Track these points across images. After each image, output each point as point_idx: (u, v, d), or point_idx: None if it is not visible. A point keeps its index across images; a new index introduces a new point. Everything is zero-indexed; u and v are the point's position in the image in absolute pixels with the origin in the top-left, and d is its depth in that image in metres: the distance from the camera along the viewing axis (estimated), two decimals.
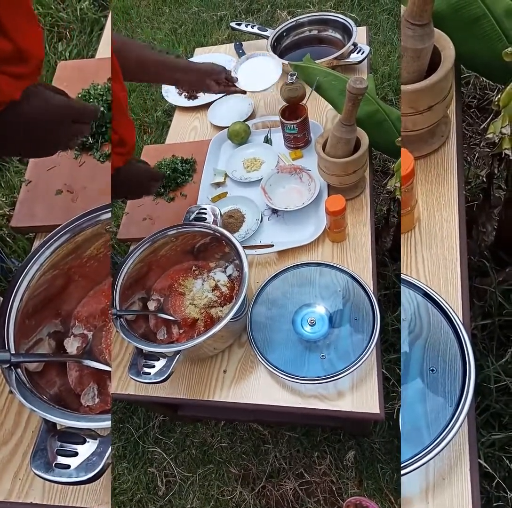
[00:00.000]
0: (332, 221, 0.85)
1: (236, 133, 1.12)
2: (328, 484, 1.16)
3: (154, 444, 1.31)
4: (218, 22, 2.43)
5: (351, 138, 0.83)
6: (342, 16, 1.24)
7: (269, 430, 1.25)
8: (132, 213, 1.09)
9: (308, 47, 1.31)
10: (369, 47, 1.19)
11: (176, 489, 1.24)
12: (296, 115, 1.02)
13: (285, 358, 0.77)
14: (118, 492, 1.26)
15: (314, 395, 0.76)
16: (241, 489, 1.20)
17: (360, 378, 0.75)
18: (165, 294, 0.90)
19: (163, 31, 2.49)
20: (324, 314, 0.79)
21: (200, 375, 0.83)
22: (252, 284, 0.90)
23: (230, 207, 1.03)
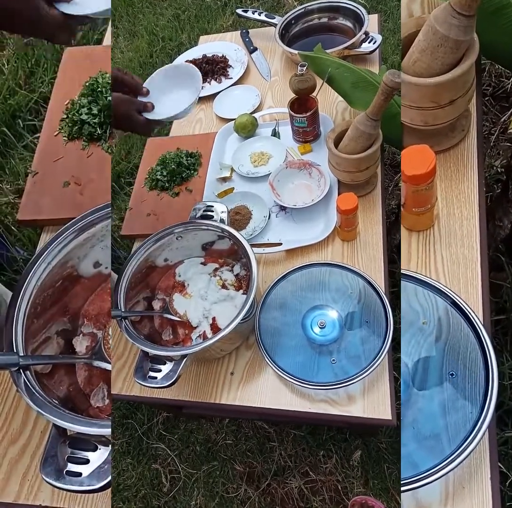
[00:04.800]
0: (343, 219, 0.83)
1: (243, 125, 1.09)
2: (334, 483, 1.15)
3: (158, 440, 1.31)
4: (223, 8, 2.36)
5: (374, 133, 0.79)
6: (353, 3, 1.19)
7: (274, 428, 1.24)
8: (136, 208, 1.06)
9: (318, 36, 1.26)
10: (381, 36, 1.14)
11: (180, 486, 1.24)
12: (305, 107, 0.99)
13: (294, 361, 0.75)
14: (122, 488, 1.26)
15: (324, 400, 0.74)
16: (246, 487, 1.19)
17: (372, 382, 0.73)
18: (170, 293, 0.88)
19: (166, 17, 2.42)
20: (334, 316, 0.76)
21: (206, 377, 0.81)
22: (260, 283, 0.88)
23: (236, 204, 1.00)
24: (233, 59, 1.30)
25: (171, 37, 2.31)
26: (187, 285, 0.88)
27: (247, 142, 1.10)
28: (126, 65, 2.24)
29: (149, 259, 0.83)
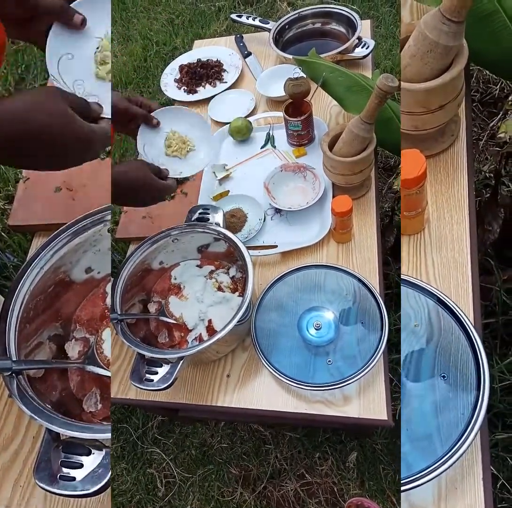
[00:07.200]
0: (338, 222, 0.83)
1: (238, 129, 1.09)
2: (330, 485, 1.15)
3: (153, 444, 1.30)
4: (217, 13, 2.38)
5: (368, 137, 0.80)
6: (346, 9, 1.21)
7: (270, 431, 1.24)
8: (131, 211, 1.06)
9: (311, 41, 1.28)
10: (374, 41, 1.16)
11: (175, 490, 1.23)
12: (300, 111, 1.00)
13: (290, 362, 0.75)
14: (117, 493, 1.25)
15: (320, 401, 0.74)
16: (241, 490, 1.19)
17: (367, 383, 0.74)
18: (166, 296, 0.88)
19: (160, 22, 2.43)
20: (330, 318, 0.77)
21: (203, 379, 0.81)
22: (256, 285, 0.88)
23: (232, 206, 1.01)
24: (228, 64, 1.31)
25: (165, 41, 2.32)
26: (183, 287, 0.88)
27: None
28: (120, 69, 2.24)
29: (145, 261, 0.83)
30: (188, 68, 1.32)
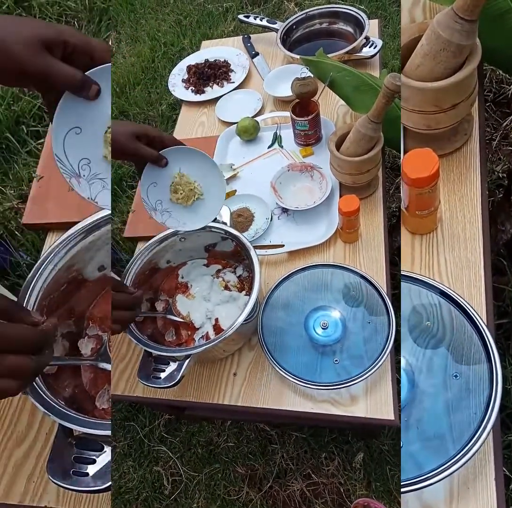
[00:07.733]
0: (345, 221, 0.83)
1: (245, 129, 1.10)
2: (336, 485, 1.15)
3: (160, 442, 1.31)
4: (224, 14, 2.39)
5: (375, 136, 0.80)
6: (354, 9, 1.21)
7: (276, 430, 1.24)
8: (139, 211, 1.07)
9: (319, 41, 1.28)
10: (381, 41, 1.16)
11: (182, 488, 1.23)
12: (307, 111, 1.00)
13: (297, 361, 0.75)
14: (123, 490, 1.26)
15: (327, 400, 0.74)
16: (247, 489, 1.19)
17: (374, 383, 0.74)
18: (173, 295, 0.88)
19: (168, 23, 2.45)
20: (337, 317, 0.77)
21: (209, 377, 0.82)
22: (262, 284, 0.88)
23: (239, 206, 1.01)
24: (235, 64, 1.31)
25: (173, 42, 2.33)
26: (190, 286, 0.88)
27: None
28: (129, 70, 2.26)
29: (152, 260, 0.84)
30: (196, 69, 1.33)
